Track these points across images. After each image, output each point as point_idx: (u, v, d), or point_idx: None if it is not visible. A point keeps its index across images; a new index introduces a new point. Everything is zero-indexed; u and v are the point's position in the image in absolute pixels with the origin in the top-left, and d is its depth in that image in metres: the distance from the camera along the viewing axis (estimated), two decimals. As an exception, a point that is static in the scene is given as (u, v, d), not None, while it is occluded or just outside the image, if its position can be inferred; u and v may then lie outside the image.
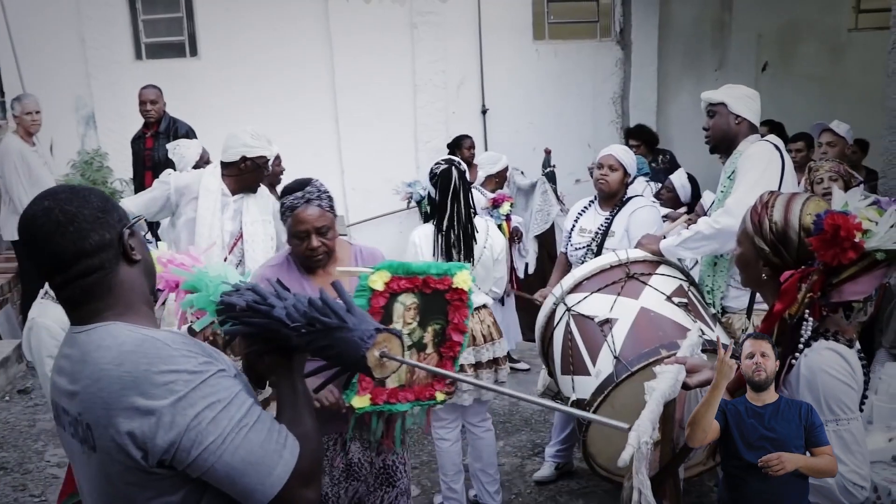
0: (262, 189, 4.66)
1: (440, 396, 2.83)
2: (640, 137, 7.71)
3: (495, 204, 5.75)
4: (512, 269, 5.86)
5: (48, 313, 3.18)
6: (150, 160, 6.76)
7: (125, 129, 7.85)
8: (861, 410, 2.06)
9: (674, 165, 8.17)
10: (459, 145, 8.03)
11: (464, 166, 3.95)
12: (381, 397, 2.69)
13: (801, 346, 2.06)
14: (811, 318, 2.03)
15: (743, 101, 3.88)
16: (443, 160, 3.95)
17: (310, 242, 2.83)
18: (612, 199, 4.24)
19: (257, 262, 3.96)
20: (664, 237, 3.79)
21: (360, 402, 2.68)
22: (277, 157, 5.97)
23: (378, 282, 2.56)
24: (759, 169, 3.63)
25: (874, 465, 2.38)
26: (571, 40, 9.42)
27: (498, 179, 6.29)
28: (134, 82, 7.76)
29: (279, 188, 6.17)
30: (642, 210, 4.17)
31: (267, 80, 8.57)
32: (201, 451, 1.42)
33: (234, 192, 4.39)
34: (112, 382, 1.44)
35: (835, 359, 2.01)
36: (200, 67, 8.72)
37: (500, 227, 5.47)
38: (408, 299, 2.64)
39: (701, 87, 8.12)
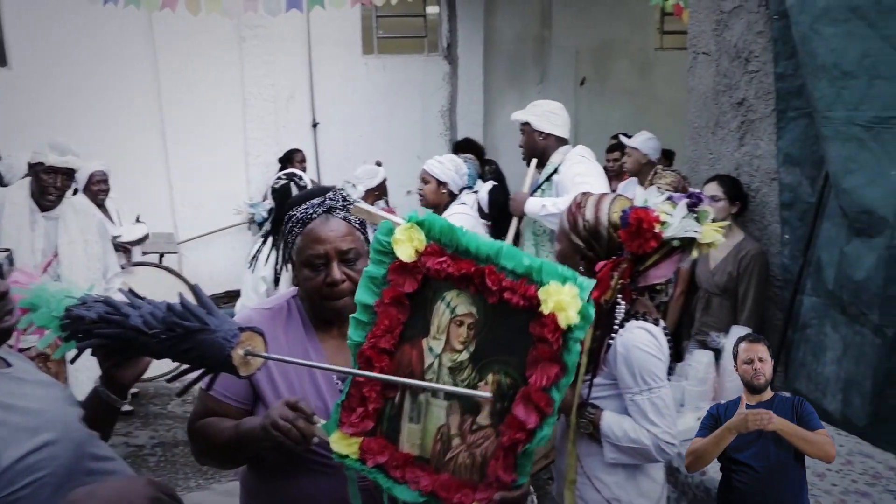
0: (88, 206, 4.47)
1: None
2: (467, 150, 7.97)
3: None
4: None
5: None
6: None
7: (-74, 144, 7.28)
8: (668, 379, 2.30)
9: (499, 175, 8.52)
10: (291, 159, 8.04)
11: (306, 181, 3.83)
12: (376, 457, 1.68)
13: (616, 327, 2.28)
14: (623, 302, 2.26)
15: (546, 117, 4.19)
16: (283, 174, 3.88)
17: (329, 274, 1.89)
18: (437, 209, 4.43)
19: (77, 285, 3.75)
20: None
21: (343, 444, 1.71)
22: (101, 174, 5.74)
23: (405, 245, 1.68)
24: (593, 168, 4.11)
25: (685, 443, 2.64)
26: (400, 55, 9.62)
27: (378, 192, 6.11)
28: (-65, 93, 7.22)
29: (119, 211, 5.92)
30: (452, 217, 4.37)
31: (87, 91, 8.14)
32: None
33: (41, 208, 4.19)
34: None
35: (645, 336, 2.25)
36: (11, 78, 8.15)
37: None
38: (460, 304, 1.66)
39: (525, 99, 8.51)
